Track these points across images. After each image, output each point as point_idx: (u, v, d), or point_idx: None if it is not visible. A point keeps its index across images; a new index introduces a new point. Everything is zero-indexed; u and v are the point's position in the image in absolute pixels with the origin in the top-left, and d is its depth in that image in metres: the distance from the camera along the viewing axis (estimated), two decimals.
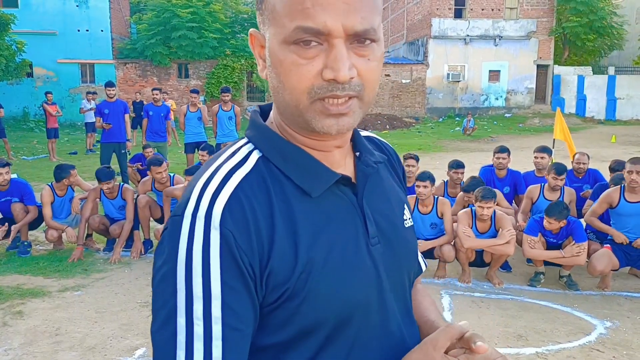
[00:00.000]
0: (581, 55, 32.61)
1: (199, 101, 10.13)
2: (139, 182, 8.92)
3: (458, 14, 29.69)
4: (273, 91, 0.90)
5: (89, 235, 6.54)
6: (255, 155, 0.93)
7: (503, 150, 6.83)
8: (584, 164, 6.87)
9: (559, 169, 6.02)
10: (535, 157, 6.94)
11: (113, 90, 9.44)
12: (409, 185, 6.65)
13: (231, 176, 0.88)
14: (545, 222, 5.27)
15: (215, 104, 10.21)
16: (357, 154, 1.01)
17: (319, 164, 0.93)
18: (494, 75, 30.30)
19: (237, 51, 28.15)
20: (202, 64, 28.07)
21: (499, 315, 4.72)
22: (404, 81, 29.65)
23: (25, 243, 6.46)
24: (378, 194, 1.02)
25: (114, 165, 8.34)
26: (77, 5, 27.21)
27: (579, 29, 29.18)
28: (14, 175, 6.89)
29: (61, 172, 6.55)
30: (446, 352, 0.88)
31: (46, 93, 16.08)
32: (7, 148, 15.30)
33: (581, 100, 30.14)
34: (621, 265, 5.36)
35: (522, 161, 10.85)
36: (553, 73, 30.33)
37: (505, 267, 5.86)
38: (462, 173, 6.68)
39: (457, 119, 28.16)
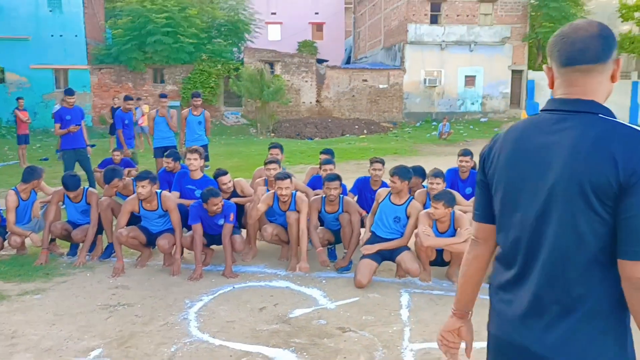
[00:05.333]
0: None
1: (167, 106, 10.11)
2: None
3: (434, 20, 30.01)
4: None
5: (52, 240, 6.48)
6: None
7: (466, 153, 6.98)
8: None
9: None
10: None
11: (73, 98, 9.44)
12: (374, 188, 6.70)
13: None
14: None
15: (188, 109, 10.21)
16: None
17: None
18: (470, 80, 30.64)
19: (213, 56, 28.07)
20: (178, 69, 27.96)
21: None
22: (381, 86, 29.85)
23: None
24: None
25: (80, 171, 8.26)
26: (50, 10, 26.96)
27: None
28: None
29: (33, 172, 6.49)
30: None
31: (17, 99, 15.91)
32: None
33: None
34: None
35: None
36: (527, 78, 30.76)
37: None
38: (439, 183, 6.56)
39: (434, 123, 28.40)
